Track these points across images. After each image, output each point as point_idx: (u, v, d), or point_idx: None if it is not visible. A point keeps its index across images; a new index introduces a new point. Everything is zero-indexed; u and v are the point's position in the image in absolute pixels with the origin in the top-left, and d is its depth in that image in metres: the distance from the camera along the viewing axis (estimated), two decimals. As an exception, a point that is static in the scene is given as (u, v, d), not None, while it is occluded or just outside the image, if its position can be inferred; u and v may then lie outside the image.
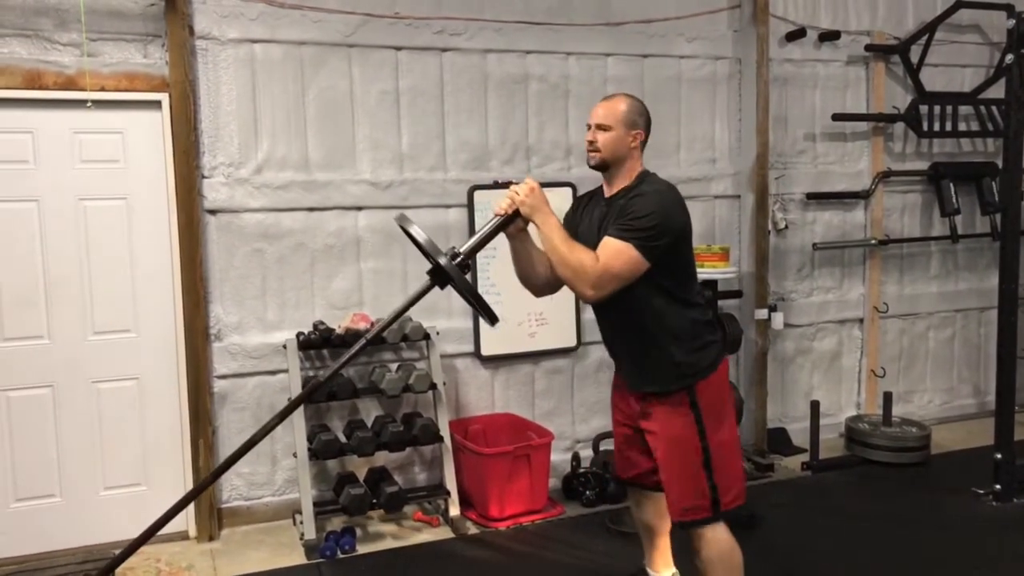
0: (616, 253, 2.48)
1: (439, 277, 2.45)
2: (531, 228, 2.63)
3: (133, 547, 2.36)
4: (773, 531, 3.76)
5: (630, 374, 2.77)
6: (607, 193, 2.72)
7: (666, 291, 2.59)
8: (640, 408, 2.73)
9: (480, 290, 4.28)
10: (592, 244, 2.56)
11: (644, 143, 2.70)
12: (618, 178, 2.67)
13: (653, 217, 2.49)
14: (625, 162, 2.65)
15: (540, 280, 2.75)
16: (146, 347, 3.89)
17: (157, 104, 3.77)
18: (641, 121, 2.67)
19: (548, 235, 2.53)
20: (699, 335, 2.65)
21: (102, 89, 3.65)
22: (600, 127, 2.64)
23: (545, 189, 2.61)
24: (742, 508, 2.74)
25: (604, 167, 2.68)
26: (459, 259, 2.47)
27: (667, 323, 2.61)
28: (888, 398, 4.88)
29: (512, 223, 2.60)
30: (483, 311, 2.51)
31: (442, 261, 2.39)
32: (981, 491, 4.15)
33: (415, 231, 2.43)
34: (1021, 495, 4.09)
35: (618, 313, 2.66)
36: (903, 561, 3.51)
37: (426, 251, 2.43)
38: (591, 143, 2.66)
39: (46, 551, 3.74)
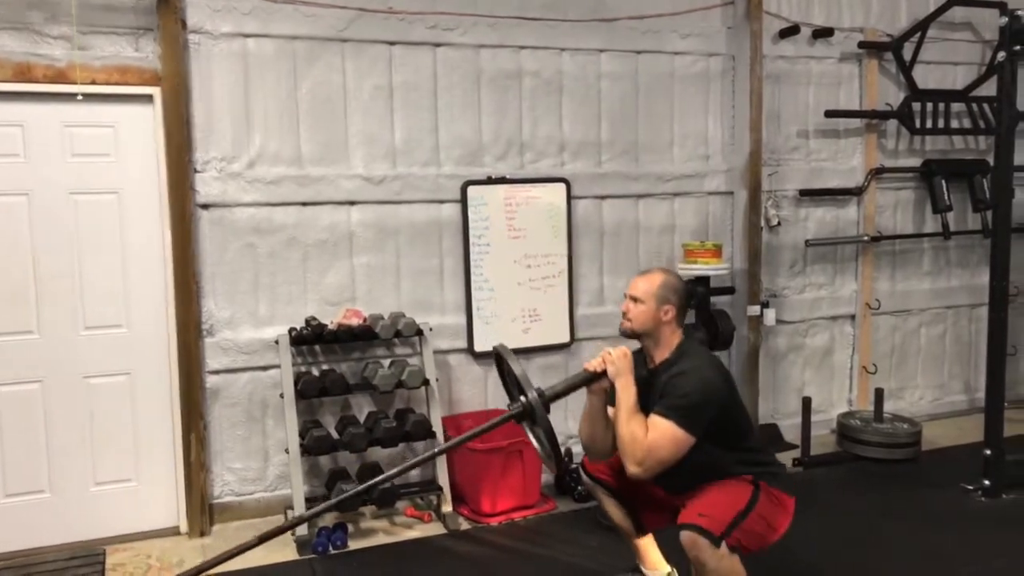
0: (661, 434, 2.62)
1: (526, 411, 2.59)
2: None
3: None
4: (764, 527, 3.76)
5: (679, 494, 2.85)
6: (649, 364, 2.84)
7: (720, 443, 2.71)
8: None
9: (473, 286, 4.28)
10: None
11: (681, 317, 2.83)
12: (656, 349, 2.82)
13: (695, 396, 2.64)
14: (659, 334, 2.80)
15: (606, 446, 2.85)
16: (138, 342, 3.87)
17: (149, 98, 3.75)
18: (674, 298, 2.80)
19: (620, 400, 2.69)
20: (757, 465, 2.79)
21: (93, 83, 3.63)
22: (634, 299, 2.81)
23: (538, 185, 2.63)
24: None
25: (634, 336, 2.82)
26: (544, 399, 2.60)
27: (721, 467, 2.73)
28: (879, 394, 4.89)
29: (598, 380, 2.77)
30: (554, 454, 2.61)
31: (531, 396, 2.53)
32: (971, 487, 4.17)
33: (514, 364, 2.58)
34: (1010, 491, 4.11)
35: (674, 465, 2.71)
36: (893, 556, 3.53)
37: (520, 386, 2.56)
38: (624, 312, 2.84)
39: (35, 547, 3.72)
